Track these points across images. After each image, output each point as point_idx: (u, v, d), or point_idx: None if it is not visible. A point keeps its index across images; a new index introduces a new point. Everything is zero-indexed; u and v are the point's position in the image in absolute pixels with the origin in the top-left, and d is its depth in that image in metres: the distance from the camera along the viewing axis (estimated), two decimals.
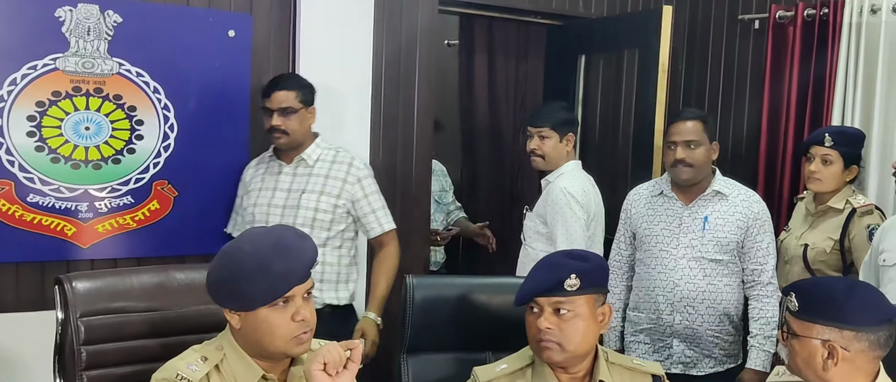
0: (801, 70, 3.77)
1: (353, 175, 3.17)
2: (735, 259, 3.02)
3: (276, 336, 1.82)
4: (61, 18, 3.11)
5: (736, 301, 3.05)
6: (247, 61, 3.46)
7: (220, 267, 1.87)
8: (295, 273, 1.82)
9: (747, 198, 3.04)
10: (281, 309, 1.82)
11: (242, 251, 1.86)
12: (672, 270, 3.03)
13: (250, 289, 1.80)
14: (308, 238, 1.92)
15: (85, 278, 2.15)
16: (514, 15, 4.34)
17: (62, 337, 2.10)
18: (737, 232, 2.99)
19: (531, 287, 2.09)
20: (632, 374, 2.18)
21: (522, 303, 2.10)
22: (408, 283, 2.45)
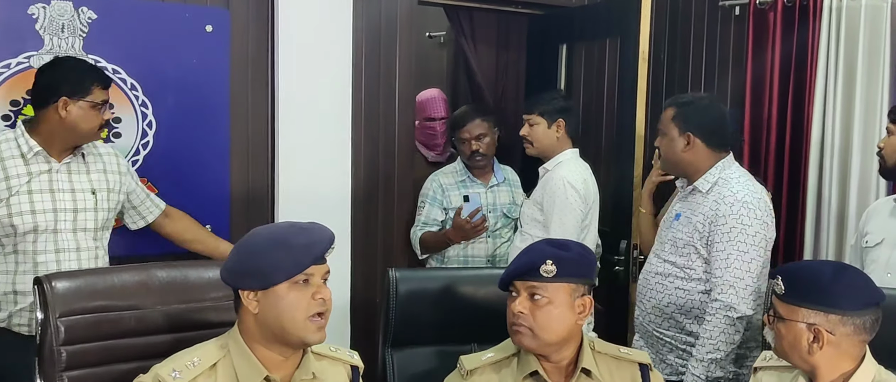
0: (783, 56, 3.77)
1: (124, 164, 2.94)
2: (693, 263, 2.75)
3: (298, 311, 1.82)
4: (35, 16, 3.06)
5: (691, 309, 2.76)
6: (225, 56, 3.43)
7: (234, 254, 1.89)
8: (317, 245, 1.84)
9: (719, 198, 2.71)
10: (301, 288, 1.83)
11: (257, 234, 1.90)
12: (646, 262, 3.00)
13: (271, 262, 1.81)
14: (322, 225, 1.93)
15: (64, 278, 2.12)
16: (495, 5, 4.31)
17: (42, 338, 2.07)
18: (693, 235, 2.74)
19: (509, 270, 2.12)
20: (618, 363, 2.19)
21: (502, 287, 2.14)
22: (391, 276, 2.44)
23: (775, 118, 3.80)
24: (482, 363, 2.13)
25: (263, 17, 3.53)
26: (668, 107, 2.86)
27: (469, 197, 3.70)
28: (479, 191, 3.75)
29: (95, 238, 2.81)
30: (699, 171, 2.80)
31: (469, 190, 3.75)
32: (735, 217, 2.66)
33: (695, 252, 2.74)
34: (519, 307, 2.07)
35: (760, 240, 2.67)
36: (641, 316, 2.92)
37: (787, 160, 3.75)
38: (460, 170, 3.80)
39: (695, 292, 2.75)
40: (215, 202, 3.45)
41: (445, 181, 3.77)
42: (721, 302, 2.64)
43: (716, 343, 2.62)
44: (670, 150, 2.84)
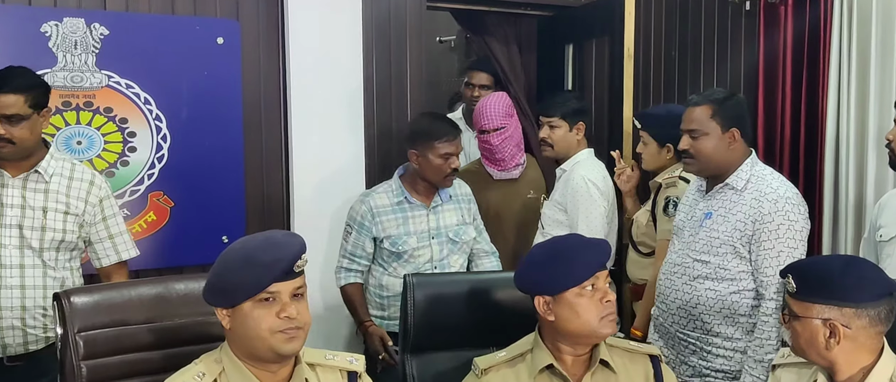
0: (794, 50, 3.75)
1: (95, 194, 2.73)
2: (728, 263, 2.65)
3: (262, 329, 1.80)
4: (47, 34, 3.09)
5: (722, 310, 2.67)
6: (237, 67, 3.44)
7: (213, 268, 1.89)
8: (278, 263, 1.81)
9: (759, 195, 2.61)
10: (266, 305, 1.81)
11: (232, 249, 1.88)
12: (666, 262, 2.90)
13: (235, 281, 1.81)
14: (297, 236, 1.91)
15: (83, 293, 2.13)
16: (503, 7, 4.32)
17: (62, 353, 2.08)
18: (733, 234, 2.64)
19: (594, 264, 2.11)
20: (631, 356, 2.21)
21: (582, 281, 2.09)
22: (408, 282, 2.43)
23: (789, 112, 3.78)
24: (497, 361, 2.14)
25: (273, 27, 3.54)
26: (702, 104, 2.71)
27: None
28: (418, 215, 3.21)
29: (43, 257, 2.65)
30: (732, 168, 2.70)
31: (407, 213, 3.19)
32: (781, 214, 2.58)
33: (732, 251, 2.65)
34: (612, 295, 2.11)
35: (805, 236, 2.63)
36: (662, 316, 2.86)
37: (802, 154, 3.73)
38: (396, 189, 3.21)
39: (726, 292, 2.65)
40: (231, 212, 3.46)
41: (377, 203, 3.19)
42: (777, 302, 2.54)
43: (775, 344, 2.55)
44: (712, 149, 2.69)
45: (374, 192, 3.22)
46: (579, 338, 2.09)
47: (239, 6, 3.46)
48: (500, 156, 3.61)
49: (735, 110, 2.71)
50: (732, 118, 2.69)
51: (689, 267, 2.76)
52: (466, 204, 3.33)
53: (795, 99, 3.76)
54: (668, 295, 2.82)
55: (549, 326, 2.11)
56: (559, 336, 2.10)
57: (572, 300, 2.05)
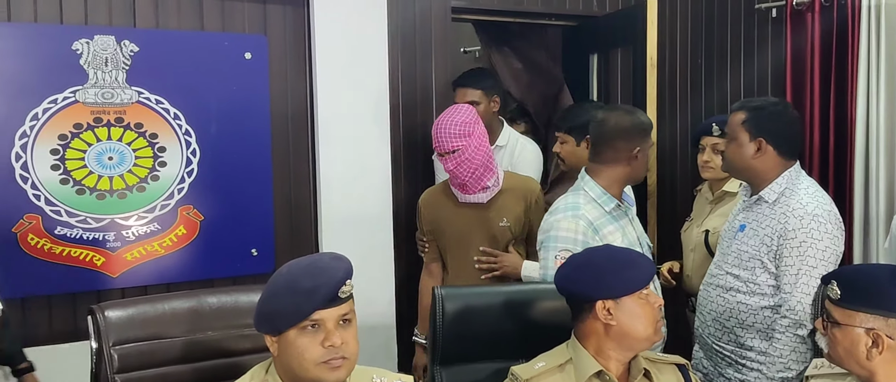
0: (822, 56, 3.72)
1: None
2: (758, 277, 2.62)
3: (305, 359, 1.77)
4: (79, 51, 3.13)
5: (754, 324, 2.63)
6: (265, 82, 3.47)
7: (261, 294, 1.86)
8: (319, 290, 1.76)
9: (787, 210, 2.57)
10: (310, 334, 1.77)
11: (279, 274, 1.85)
12: (708, 272, 2.89)
13: (277, 308, 1.78)
14: (344, 259, 1.86)
15: (117, 307, 2.16)
16: (527, 18, 4.33)
17: (97, 367, 2.11)
18: (760, 248, 2.61)
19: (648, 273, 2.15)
20: (659, 366, 2.21)
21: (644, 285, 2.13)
22: (437, 294, 2.43)
23: (817, 120, 3.74)
24: (536, 372, 2.11)
25: (300, 42, 3.57)
26: (738, 110, 2.70)
27: None
28: (627, 222, 2.87)
29: None
30: (765, 180, 2.66)
31: (620, 221, 2.79)
32: (805, 231, 2.52)
33: (761, 266, 2.61)
34: (660, 301, 2.15)
35: (830, 255, 2.53)
36: (702, 327, 2.84)
37: (831, 162, 3.69)
38: (602, 195, 2.76)
39: (757, 306, 2.61)
40: (260, 226, 3.49)
41: (594, 215, 2.72)
42: (790, 320, 2.52)
43: (787, 362, 2.53)
44: (738, 156, 2.68)
45: (579, 205, 2.72)
46: (634, 344, 2.09)
47: (267, 21, 3.50)
48: (460, 180, 3.15)
49: (768, 121, 2.66)
50: (762, 128, 2.65)
51: (722, 279, 2.74)
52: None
53: (824, 106, 3.73)
54: (705, 306, 2.81)
55: (598, 333, 2.09)
56: (609, 343, 2.09)
57: (633, 304, 2.07)
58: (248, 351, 2.19)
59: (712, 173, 3.34)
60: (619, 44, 4.33)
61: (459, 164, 3.09)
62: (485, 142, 3.14)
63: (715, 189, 3.42)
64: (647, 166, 2.85)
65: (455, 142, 3.07)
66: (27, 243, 3.08)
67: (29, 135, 3.07)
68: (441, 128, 3.09)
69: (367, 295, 3.24)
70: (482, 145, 3.13)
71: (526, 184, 3.26)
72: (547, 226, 2.72)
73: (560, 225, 2.66)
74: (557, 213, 2.70)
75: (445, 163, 3.11)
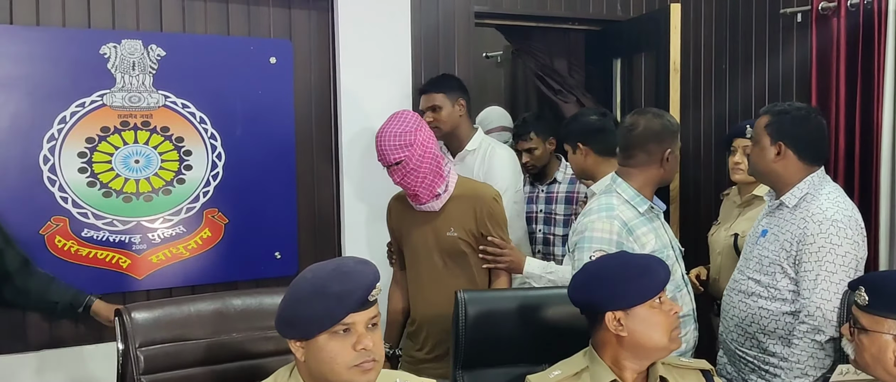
0: (848, 62, 3.69)
1: None
2: (778, 283, 2.61)
3: (337, 363, 1.77)
4: (106, 55, 3.17)
5: (776, 330, 2.63)
6: (289, 86, 3.50)
7: (284, 298, 1.85)
8: (351, 295, 1.77)
9: (807, 215, 2.57)
10: (341, 338, 1.77)
11: (303, 278, 1.84)
12: (731, 278, 2.89)
13: (308, 314, 1.77)
14: (369, 263, 1.86)
15: (143, 308, 2.18)
16: (551, 23, 4.33)
17: (123, 368, 2.13)
18: (780, 253, 2.61)
19: (660, 281, 2.10)
20: (682, 371, 2.19)
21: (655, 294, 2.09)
22: (459, 298, 2.43)
23: (843, 125, 3.72)
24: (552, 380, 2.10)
25: (324, 46, 3.60)
26: (763, 114, 2.73)
27: None
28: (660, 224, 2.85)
29: None
30: (787, 184, 2.67)
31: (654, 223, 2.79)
32: (824, 236, 2.51)
33: (781, 271, 2.61)
34: (677, 308, 2.11)
35: (850, 261, 2.51)
36: (725, 333, 2.84)
37: (857, 168, 3.66)
38: (635, 196, 2.76)
39: (779, 312, 2.61)
40: (283, 229, 3.51)
41: (628, 216, 2.71)
42: (808, 326, 2.50)
43: (804, 368, 2.51)
44: (760, 159, 2.71)
45: (613, 206, 2.71)
46: (649, 353, 2.07)
47: (292, 26, 3.53)
48: (411, 191, 3.00)
49: (790, 125, 2.67)
50: (783, 132, 2.66)
51: (745, 285, 2.74)
52: None
53: (850, 112, 3.70)
54: (728, 312, 2.81)
55: (612, 342, 2.07)
56: (624, 352, 2.07)
57: (645, 314, 2.03)
58: (272, 353, 2.20)
59: (742, 176, 3.33)
60: (642, 48, 4.32)
61: (406, 175, 2.94)
62: (430, 148, 2.96)
63: (744, 193, 3.41)
64: (677, 168, 2.84)
65: (397, 153, 2.90)
66: (54, 245, 3.12)
67: (57, 138, 3.11)
68: (381, 140, 2.93)
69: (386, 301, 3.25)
70: (427, 152, 2.94)
71: (477, 191, 3.05)
72: (581, 227, 2.71)
73: (594, 226, 2.65)
74: (591, 214, 2.70)
75: (392, 175, 2.97)
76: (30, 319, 3.13)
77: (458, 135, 3.51)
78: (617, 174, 2.80)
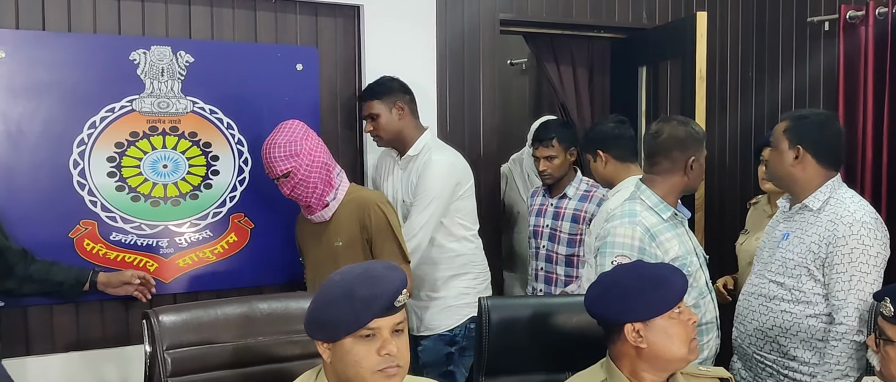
0: (876, 70, 3.67)
1: None
2: (803, 285, 2.63)
3: (362, 367, 1.79)
4: (136, 61, 3.21)
5: (798, 333, 2.64)
6: (315, 93, 3.52)
7: (313, 299, 1.87)
8: (378, 299, 1.78)
9: (835, 218, 2.59)
10: (366, 342, 1.79)
11: (332, 281, 1.86)
12: (746, 283, 2.90)
13: (335, 316, 1.79)
14: (398, 269, 1.88)
15: (171, 312, 2.21)
16: (577, 31, 4.33)
17: (150, 370, 2.16)
18: (806, 256, 2.62)
19: (678, 291, 2.08)
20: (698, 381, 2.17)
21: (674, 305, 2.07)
22: (483, 305, 2.44)
23: (871, 134, 3.69)
24: None
25: (350, 53, 3.62)
26: (783, 120, 2.77)
27: None
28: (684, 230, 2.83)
29: None
30: (806, 189, 2.69)
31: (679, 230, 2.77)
32: (856, 238, 2.54)
33: (807, 273, 2.62)
34: (695, 317, 2.09)
35: (881, 261, 2.57)
36: (741, 338, 2.84)
37: (884, 176, 3.64)
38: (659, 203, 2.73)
39: (802, 315, 2.63)
40: None
41: (652, 222, 2.68)
42: (846, 327, 2.51)
43: (844, 369, 2.51)
44: (778, 163, 2.74)
45: (636, 212, 2.69)
46: (668, 365, 2.05)
47: (318, 33, 3.55)
48: (303, 203, 3.00)
49: (808, 129, 2.70)
50: (802, 137, 2.69)
51: (766, 289, 2.74)
52: None
53: (877, 120, 3.68)
54: (746, 316, 2.81)
55: (630, 354, 2.06)
56: (642, 364, 2.05)
57: (664, 325, 2.01)
58: (298, 357, 2.23)
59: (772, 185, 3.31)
60: (668, 56, 4.31)
61: (295, 187, 2.92)
62: (319, 156, 2.93)
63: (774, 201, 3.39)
64: (702, 176, 2.84)
65: (284, 164, 2.88)
66: (83, 248, 3.16)
67: (87, 142, 3.15)
68: (267, 152, 2.91)
69: None
70: (316, 161, 2.91)
71: (362, 197, 3.00)
72: (603, 233, 2.71)
73: (617, 231, 2.65)
74: (614, 220, 2.70)
75: (282, 188, 2.93)
76: (57, 321, 3.17)
77: (403, 140, 3.36)
78: (641, 181, 2.80)
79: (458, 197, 3.35)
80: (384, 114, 3.31)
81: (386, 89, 3.34)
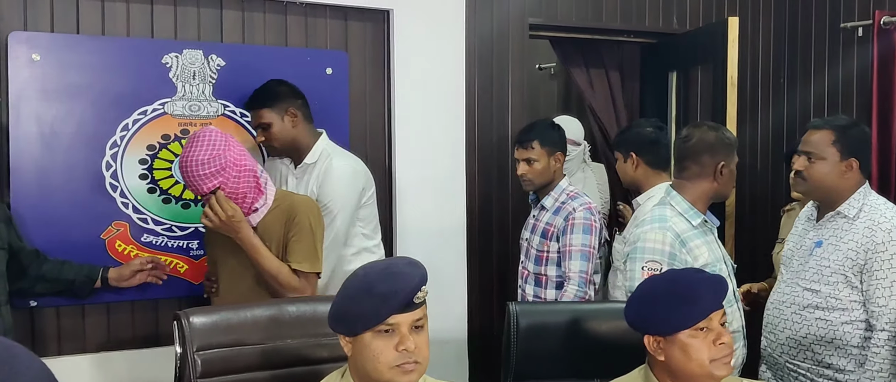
0: None
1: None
2: (840, 293, 2.61)
3: (380, 362, 1.80)
4: (168, 65, 3.24)
5: (833, 341, 2.62)
6: (344, 96, 3.54)
7: (337, 293, 1.89)
8: (396, 295, 1.79)
9: (872, 224, 2.58)
10: (385, 337, 1.80)
11: (355, 276, 1.88)
12: (775, 292, 2.87)
13: (355, 311, 1.81)
14: (419, 266, 1.88)
15: (201, 313, 2.21)
16: (606, 35, 4.31)
17: (181, 371, 2.17)
18: (844, 263, 2.60)
19: (710, 306, 2.01)
20: None
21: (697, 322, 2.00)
22: (511, 310, 2.43)
23: None
24: None
25: (379, 57, 3.63)
26: (823, 129, 2.69)
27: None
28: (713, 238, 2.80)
29: None
30: (843, 197, 2.67)
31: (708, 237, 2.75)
32: (894, 243, 2.54)
33: (844, 281, 2.60)
34: (727, 337, 2.00)
35: None
36: (771, 347, 2.81)
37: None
38: (689, 209, 2.73)
39: (838, 323, 2.60)
40: None
41: (682, 228, 2.67)
42: (889, 333, 2.50)
43: (887, 377, 2.49)
44: (826, 175, 2.66)
45: (666, 217, 2.68)
46: (691, 379, 2.02)
47: (348, 37, 3.57)
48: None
49: (858, 140, 2.68)
50: (853, 148, 2.66)
51: (799, 297, 2.71)
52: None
53: None
54: (777, 326, 2.78)
55: (660, 363, 2.05)
56: (670, 375, 2.04)
57: (685, 341, 1.97)
58: (326, 360, 2.23)
59: None
60: (699, 61, 4.28)
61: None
62: (245, 164, 2.69)
63: None
64: (733, 183, 2.81)
65: (210, 182, 2.62)
66: (114, 249, 3.19)
67: (119, 144, 3.18)
68: (189, 173, 2.62)
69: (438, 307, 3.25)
70: (243, 170, 2.67)
71: (296, 202, 2.79)
72: (634, 238, 2.70)
73: (647, 237, 2.63)
74: (645, 225, 2.69)
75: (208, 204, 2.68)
76: (89, 321, 3.20)
77: (298, 147, 3.16)
78: (671, 186, 2.79)
79: (362, 205, 3.17)
80: (276, 123, 3.09)
81: (276, 95, 3.11)
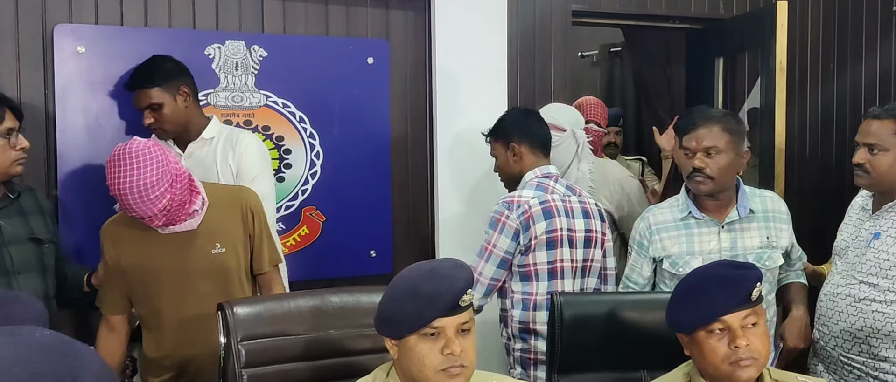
0: None
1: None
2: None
3: (425, 365, 1.77)
4: (211, 56, 3.25)
5: (890, 333, 2.56)
6: (386, 86, 3.53)
7: (383, 294, 1.87)
8: (441, 297, 1.76)
9: None
10: (430, 340, 1.78)
11: (400, 277, 1.86)
12: (828, 283, 2.79)
13: (400, 313, 1.79)
14: (465, 268, 1.85)
15: (245, 304, 2.23)
16: (651, 21, 4.24)
17: (225, 361, 2.18)
18: None
19: (723, 306, 1.90)
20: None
21: (709, 322, 1.91)
22: (556, 301, 2.41)
23: None
24: None
25: (421, 46, 3.62)
26: (884, 118, 2.59)
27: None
28: (707, 232, 2.75)
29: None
30: None
31: (693, 230, 2.75)
32: None
33: None
34: (745, 340, 1.88)
35: None
36: (824, 339, 2.75)
37: None
38: (682, 202, 2.78)
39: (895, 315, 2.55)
40: (379, 228, 3.54)
41: (658, 219, 2.78)
42: None
43: None
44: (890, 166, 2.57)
45: (658, 207, 2.84)
46: (715, 380, 1.94)
47: (389, 26, 3.56)
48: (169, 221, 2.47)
49: None
50: None
51: (855, 289, 2.64)
52: (778, 223, 2.79)
53: None
54: (831, 318, 2.71)
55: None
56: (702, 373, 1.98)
57: (701, 341, 1.90)
58: (368, 351, 2.23)
59: None
60: (746, 47, 4.19)
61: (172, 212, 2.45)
62: (180, 170, 2.46)
63: None
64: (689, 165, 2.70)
65: (161, 202, 2.38)
66: None
67: None
68: (137, 197, 2.34)
69: None
70: (180, 177, 2.44)
71: (234, 193, 2.64)
72: None
73: (634, 225, 2.86)
74: (644, 212, 2.89)
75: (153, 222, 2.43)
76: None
77: (190, 129, 2.97)
78: None
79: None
80: (168, 103, 2.89)
81: (166, 73, 2.90)
